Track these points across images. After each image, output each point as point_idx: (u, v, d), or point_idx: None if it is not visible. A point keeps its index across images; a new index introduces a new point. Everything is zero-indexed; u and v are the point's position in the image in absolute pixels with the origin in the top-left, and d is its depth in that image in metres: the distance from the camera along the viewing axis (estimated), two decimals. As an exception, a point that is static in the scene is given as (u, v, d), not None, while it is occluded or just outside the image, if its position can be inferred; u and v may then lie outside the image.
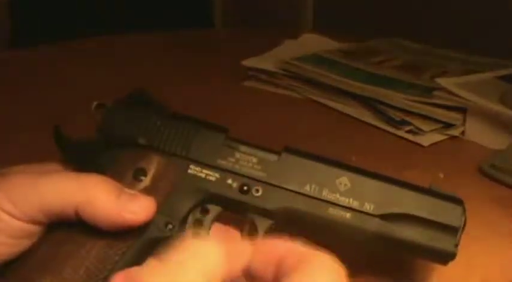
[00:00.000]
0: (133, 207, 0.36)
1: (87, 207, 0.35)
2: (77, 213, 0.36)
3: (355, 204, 0.40)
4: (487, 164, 0.69)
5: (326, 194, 0.40)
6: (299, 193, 0.40)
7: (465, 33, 1.16)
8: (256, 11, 1.67)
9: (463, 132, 0.79)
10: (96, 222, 0.36)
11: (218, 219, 0.41)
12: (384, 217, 0.40)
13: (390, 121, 0.80)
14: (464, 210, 0.42)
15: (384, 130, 0.80)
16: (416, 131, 0.78)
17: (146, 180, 0.39)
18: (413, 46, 1.07)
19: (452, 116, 0.79)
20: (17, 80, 0.95)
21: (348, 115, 0.84)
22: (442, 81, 0.83)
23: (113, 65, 1.01)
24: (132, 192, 0.38)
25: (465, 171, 0.70)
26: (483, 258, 0.54)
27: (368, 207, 0.40)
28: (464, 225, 0.43)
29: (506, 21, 1.15)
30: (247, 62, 0.95)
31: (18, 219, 0.35)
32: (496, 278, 0.52)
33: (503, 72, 0.89)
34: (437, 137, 0.78)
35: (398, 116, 0.81)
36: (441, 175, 0.69)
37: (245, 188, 0.40)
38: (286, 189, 0.40)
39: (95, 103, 0.41)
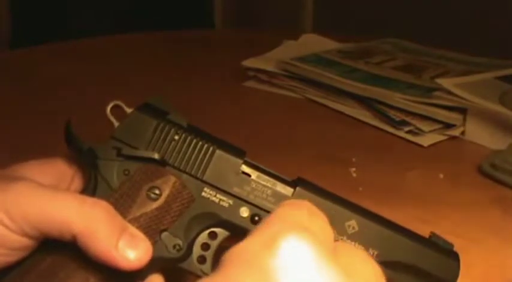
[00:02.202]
0: (130, 255, 0.35)
1: (85, 239, 0.35)
2: (74, 240, 0.35)
3: (360, 248, 0.40)
4: (487, 164, 0.69)
5: (334, 236, 0.40)
6: None
7: (465, 33, 1.16)
8: (256, 12, 1.67)
9: (463, 133, 0.79)
10: (90, 255, 0.35)
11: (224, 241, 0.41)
12: (385, 264, 0.40)
13: (390, 121, 0.80)
14: (459, 267, 0.43)
15: (384, 130, 0.80)
16: (417, 132, 0.78)
17: (160, 201, 0.39)
18: (413, 46, 1.07)
19: (452, 117, 0.79)
20: (16, 79, 0.95)
21: (348, 115, 0.84)
22: (442, 82, 0.83)
23: (113, 65, 1.01)
24: (134, 231, 0.37)
25: (465, 171, 0.70)
26: (483, 258, 0.54)
27: (372, 252, 0.41)
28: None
29: (506, 22, 1.15)
30: (247, 62, 0.95)
31: (15, 233, 0.35)
32: (496, 278, 0.52)
33: (503, 72, 0.89)
34: (438, 138, 0.78)
35: (398, 116, 0.81)
36: (441, 175, 0.69)
37: (256, 218, 0.40)
38: None
39: (110, 104, 0.40)
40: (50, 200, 0.36)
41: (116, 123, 0.40)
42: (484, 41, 1.14)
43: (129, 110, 0.40)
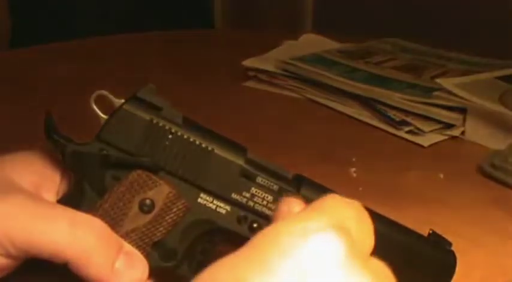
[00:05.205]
0: (128, 277, 0.34)
1: (78, 265, 0.33)
2: (65, 264, 0.33)
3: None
4: (487, 164, 0.69)
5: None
6: None
7: (465, 33, 1.16)
8: (256, 12, 1.67)
9: (463, 133, 0.79)
10: (83, 279, 0.33)
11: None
12: None
13: (390, 121, 0.80)
14: (455, 266, 0.43)
15: (384, 130, 0.80)
16: (417, 132, 0.78)
17: (153, 213, 0.37)
18: (413, 46, 1.07)
19: (452, 117, 0.79)
20: (17, 80, 0.95)
21: (348, 115, 0.84)
22: (442, 82, 0.83)
23: (112, 65, 1.01)
24: (130, 250, 0.35)
25: (465, 171, 0.70)
26: (483, 258, 0.54)
27: None
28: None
29: (506, 22, 1.15)
30: (247, 62, 0.95)
31: None
32: (496, 278, 0.52)
33: (503, 72, 0.89)
34: (438, 138, 0.78)
35: (398, 116, 0.81)
36: (441, 175, 0.69)
37: (255, 225, 0.38)
38: None
39: (95, 94, 0.37)
40: (38, 223, 0.33)
41: (102, 116, 0.37)
42: (484, 41, 1.14)
43: (116, 100, 0.38)
